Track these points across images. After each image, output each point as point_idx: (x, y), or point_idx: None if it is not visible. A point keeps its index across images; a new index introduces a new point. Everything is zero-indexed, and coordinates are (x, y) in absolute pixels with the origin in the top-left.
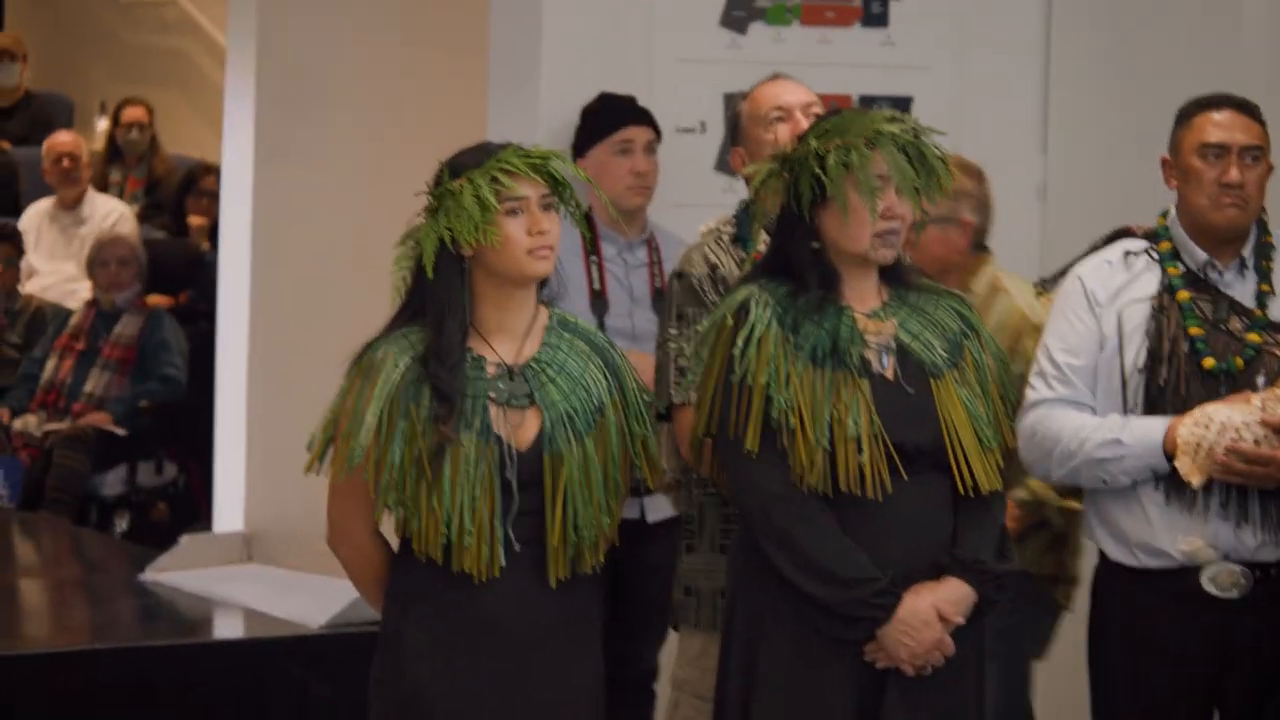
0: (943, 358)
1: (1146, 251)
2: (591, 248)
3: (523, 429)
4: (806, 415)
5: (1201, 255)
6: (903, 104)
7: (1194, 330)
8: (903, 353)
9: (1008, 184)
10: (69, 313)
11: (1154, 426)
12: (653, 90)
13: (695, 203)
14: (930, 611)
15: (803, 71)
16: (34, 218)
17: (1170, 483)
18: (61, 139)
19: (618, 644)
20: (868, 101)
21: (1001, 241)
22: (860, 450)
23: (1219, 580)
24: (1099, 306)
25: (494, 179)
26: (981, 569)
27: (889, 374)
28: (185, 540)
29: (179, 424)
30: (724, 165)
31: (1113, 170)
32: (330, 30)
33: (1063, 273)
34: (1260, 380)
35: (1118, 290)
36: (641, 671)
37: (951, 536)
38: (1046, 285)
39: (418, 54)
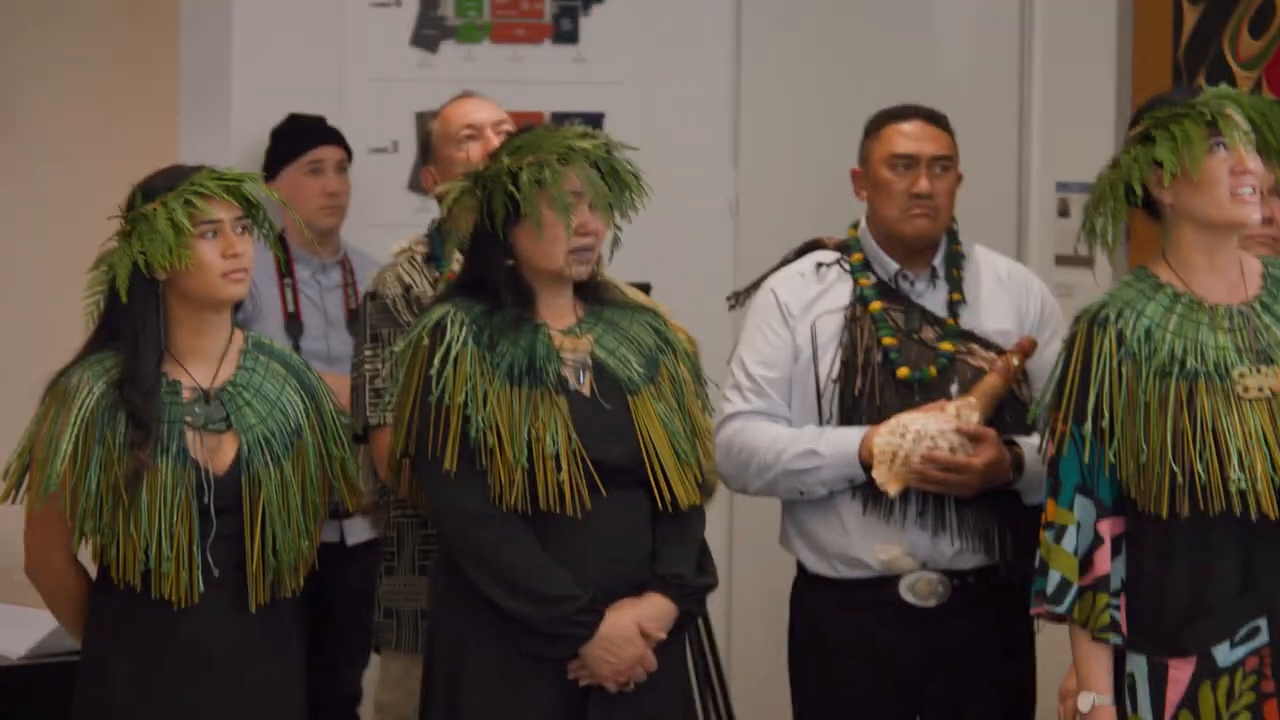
0: (639, 373)
1: (838, 263)
2: (285, 270)
3: (220, 453)
4: (504, 434)
5: (893, 265)
6: (595, 120)
7: (887, 340)
8: (599, 369)
9: (700, 197)
10: None
11: (849, 436)
12: (344, 110)
13: (389, 223)
14: (632, 628)
15: (495, 89)
16: None
17: (867, 492)
18: None
19: (321, 668)
20: (560, 118)
21: (695, 256)
22: (559, 468)
23: (917, 589)
24: (792, 318)
25: (187, 202)
26: (681, 584)
27: (586, 391)
28: None
29: None
30: (417, 185)
31: (804, 183)
32: (17, 54)
33: (755, 286)
34: (954, 388)
35: (810, 302)
36: (345, 696)
37: (652, 552)
38: (739, 299)
39: (106, 77)
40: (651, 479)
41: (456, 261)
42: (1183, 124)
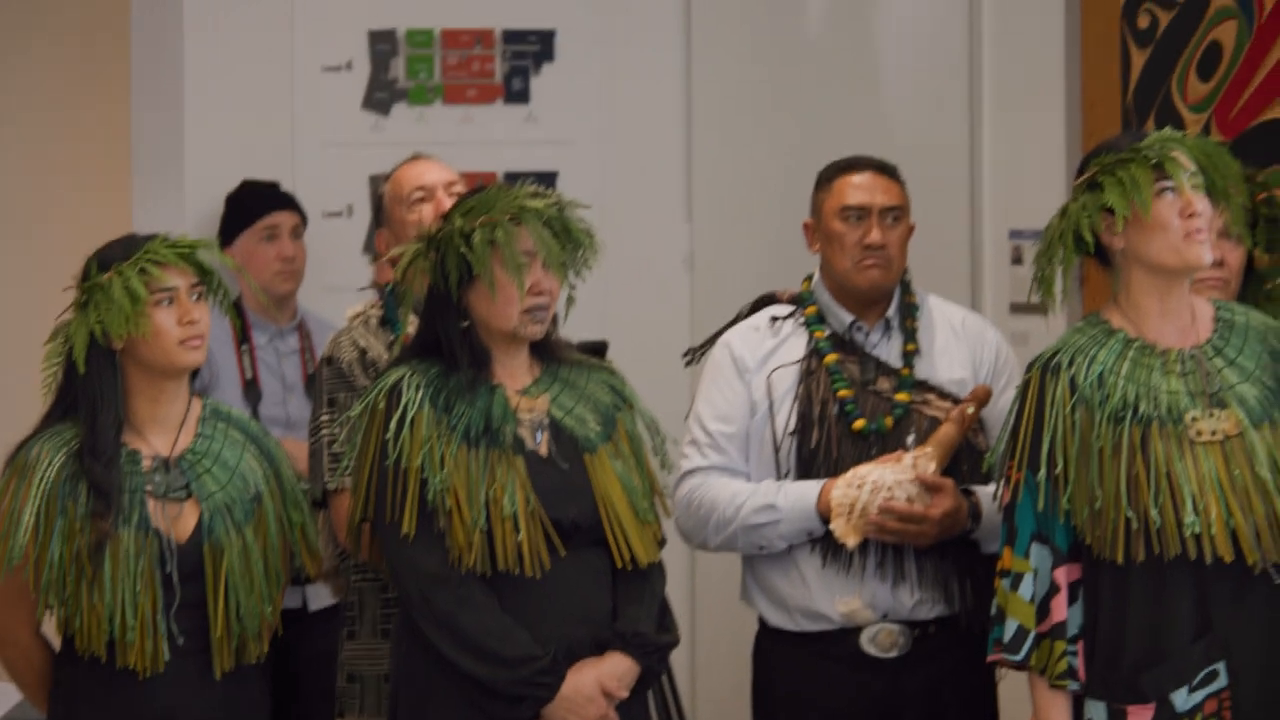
0: (596, 431)
1: (793, 316)
2: (243, 336)
3: (181, 521)
4: (462, 495)
5: (847, 317)
6: (548, 179)
7: (843, 392)
8: (556, 428)
9: (655, 254)
10: None
11: (807, 490)
12: (297, 175)
13: (345, 286)
14: (594, 687)
15: (448, 150)
16: None
17: (826, 545)
18: None
19: None
20: (513, 178)
21: (651, 311)
22: (517, 528)
23: (879, 640)
24: (748, 373)
25: (143, 270)
26: (643, 642)
27: (543, 450)
28: None
29: None
30: (372, 248)
31: (759, 236)
32: None
33: (710, 341)
34: (910, 439)
35: (766, 356)
36: None
37: (612, 610)
38: (695, 355)
39: (59, 147)
40: (610, 538)
41: (411, 324)
42: (1129, 169)
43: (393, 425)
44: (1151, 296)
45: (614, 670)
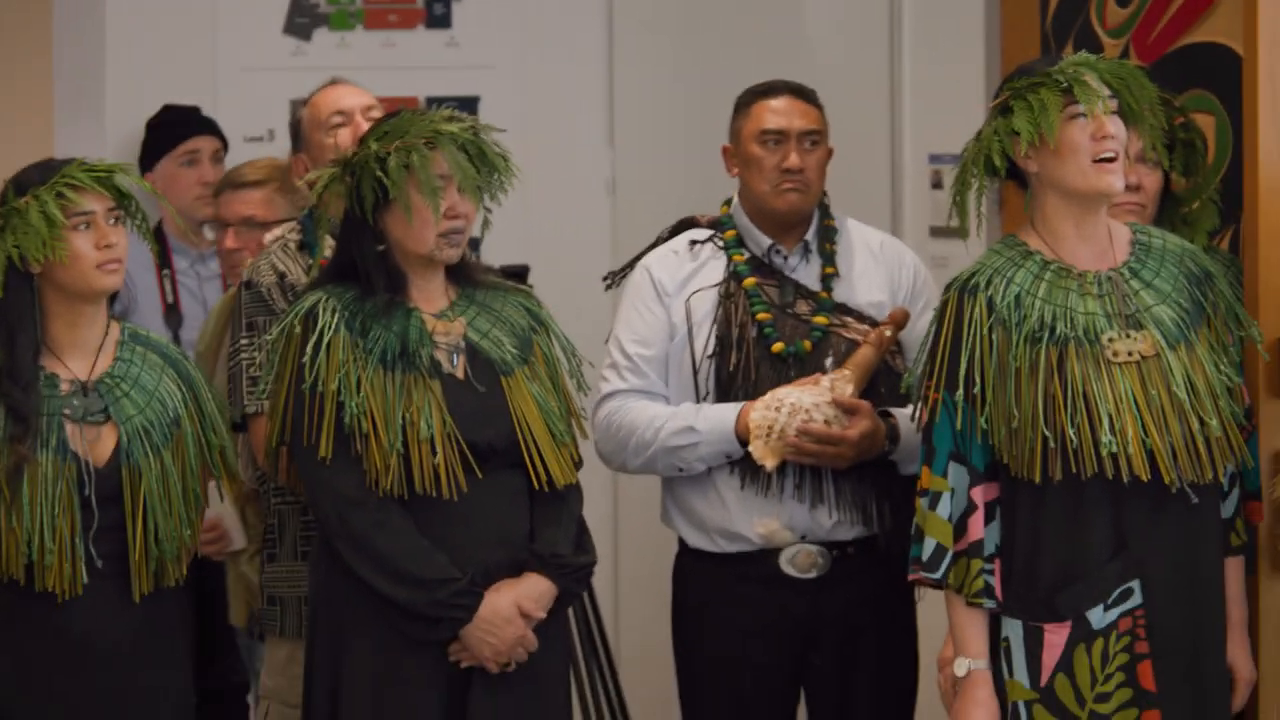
0: (512, 354)
1: (712, 240)
2: (163, 261)
3: (99, 445)
4: (379, 419)
5: (765, 241)
6: (470, 104)
7: (761, 315)
8: (472, 351)
9: (577, 178)
10: None
11: (726, 412)
12: (218, 100)
13: None
14: (512, 608)
15: (369, 75)
16: None
17: (745, 467)
18: None
19: (207, 656)
20: (435, 103)
21: (574, 235)
22: (434, 451)
23: (797, 561)
24: (667, 296)
25: (59, 194)
26: (560, 563)
27: (459, 373)
28: None
29: None
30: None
31: (679, 161)
32: None
33: (630, 265)
34: (829, 362)
35: (685, 279)
36: (233, 683)
37: (530, 532)
38: (615, 279)
39: None
40: (527, 459)
41: (329, 248)
42: (1039, 93)
43: (309, 349)
44: (1066, 220)
45: (531, 591)
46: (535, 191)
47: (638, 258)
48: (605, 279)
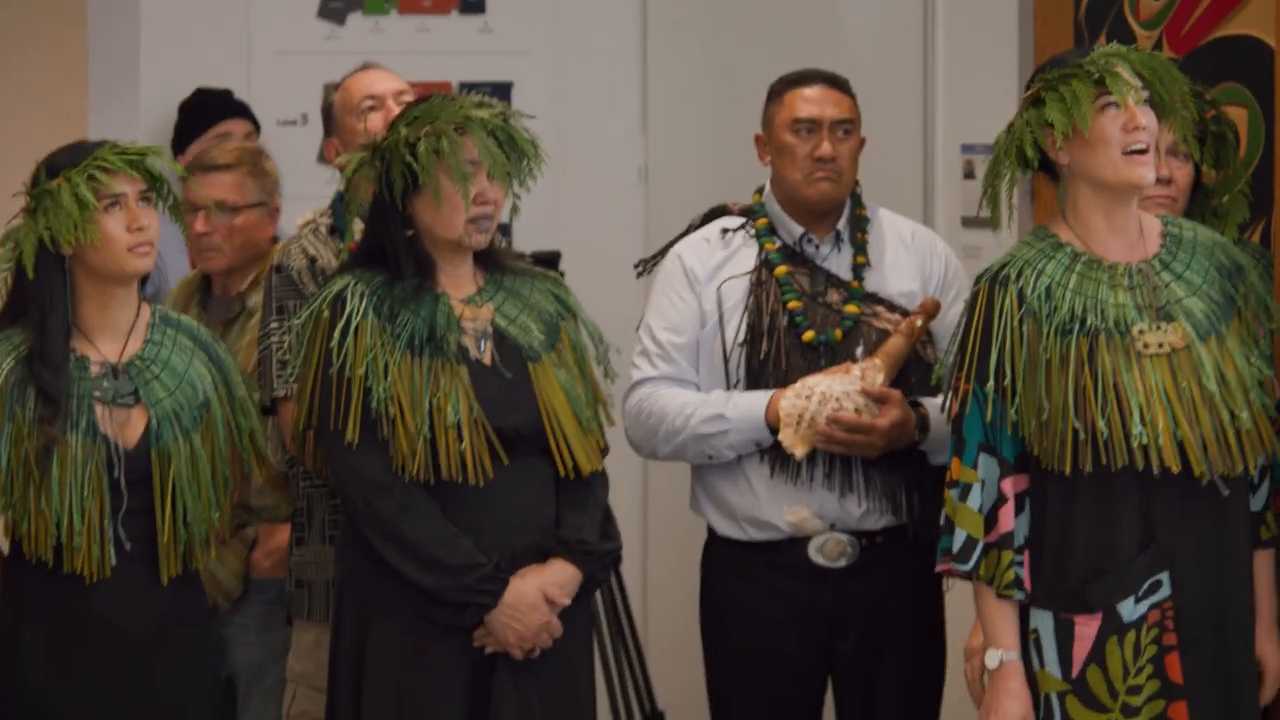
0: (540, 341)
1: (743, 228)
2: None
3: (129, 427)
4: (406, 404)
5: (797, 229)
6: (503, 90)
7: (792, 304)
8: (500, 337)
9: (610, 165)
10: None
11: (756, 400)
12: (252, 84)
13: (300, 195)
14: (537, 595)
15: (402, 60)
16: None
17: (774, 455)
18: None
19: None
20: (468, 88)
21: (606, 222)
22: (461, 437)
23: (826, 550)
24: (699, 284)
25: (91, 177)
26: (586, 550)
27: (487, 359)
28: None
29: None
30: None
31: (713, 148)
32: None
33: (662, 253)
34: (859, 351)
35: (716, 267)
36: None
37: (556, 519)
38: (647, 266)
39: (16, 54)
40: (554, 446)
41: (359, 232)
42: (1071, 84)
43: (336, 334)
44: (1097, 212)
45: (557, 577)
46: (568, 177)
47: (670, 245)
48: (637, 266)
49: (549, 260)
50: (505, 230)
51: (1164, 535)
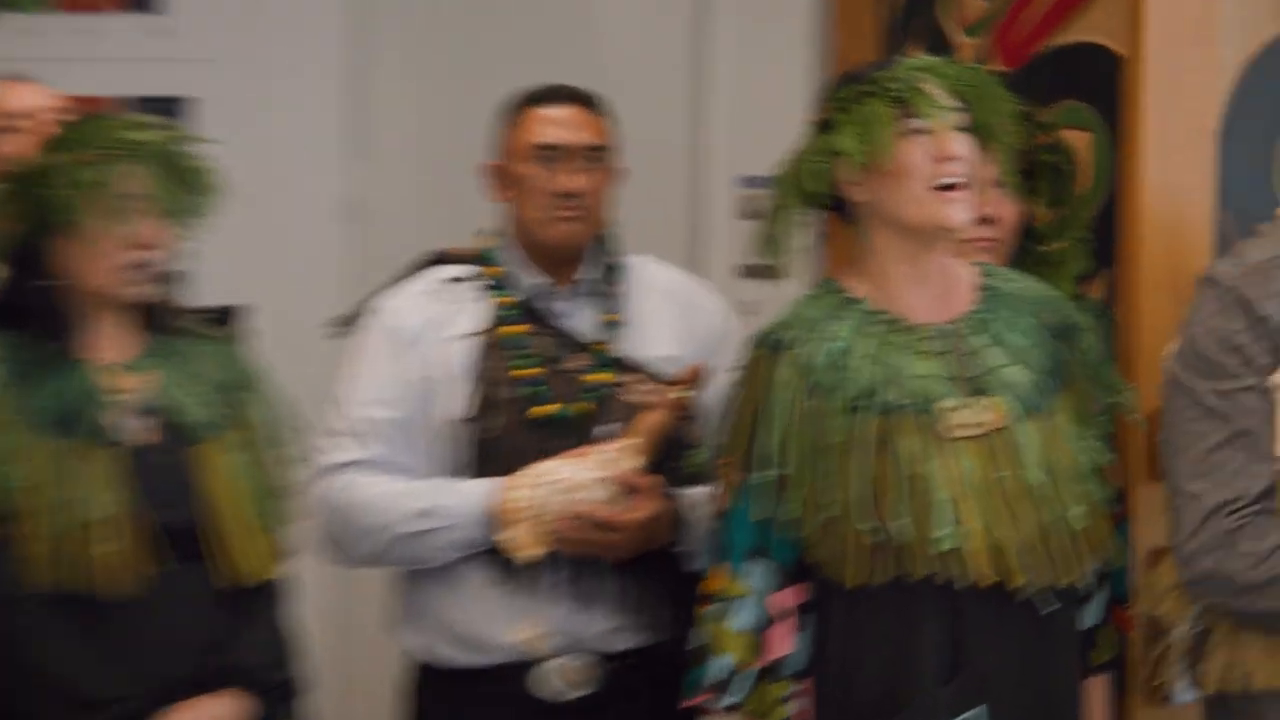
0: (208, 418)
1: (472, 278)
2: None
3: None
4: (35, 497)
5: (537, 280)
6: (186, 106)
7: (528, 372)
8: (159, 414)
9: (313, 200)
10: None
11: (477, 491)
12: None
13: None
14: None
15: (64, 70)
16: None
17: (499, 558)
18: None
19: None
20: (147, 104)
21: (307, 269)
22: (102, 538)
23: (564, 675)
24: (410, 346)
25: None
26: (250, 679)
27: (141, 440)
28: None
29: None
30: None
31: (436, 182)
32: None
33: (364, 308)
34: (608, 428)
35: (435, 325)
36: None
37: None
38: (345, 324)
39: None
40: (213, 549)
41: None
42: (868, 104)
43: None
44: (899, 261)
45: (217, 714)
46: (259, 216)
47: (375, 296)
48: (332, 324)
49: (219, 318)
50: (177, 280)
51: (976, 661)
